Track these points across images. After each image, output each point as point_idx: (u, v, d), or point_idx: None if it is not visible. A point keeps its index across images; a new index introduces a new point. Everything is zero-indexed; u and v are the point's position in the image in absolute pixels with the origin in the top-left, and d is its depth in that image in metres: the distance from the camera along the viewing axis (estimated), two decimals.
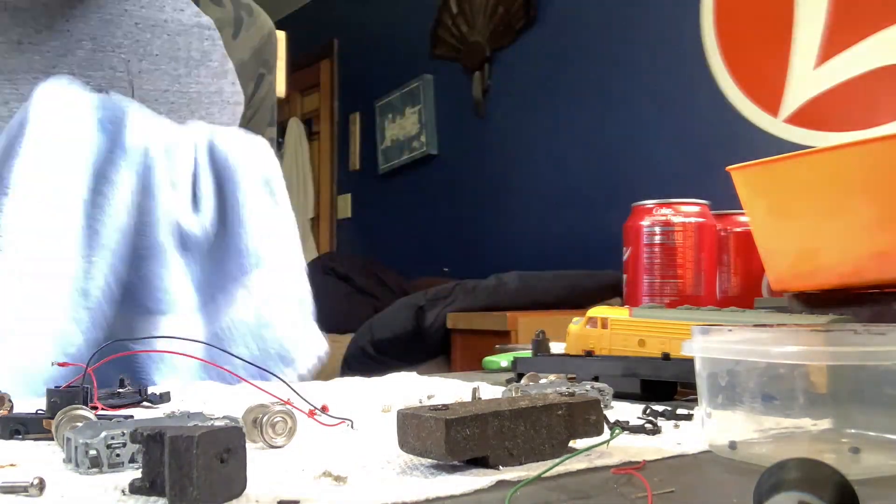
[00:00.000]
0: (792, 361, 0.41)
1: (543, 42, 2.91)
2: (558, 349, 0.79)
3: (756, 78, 2.18)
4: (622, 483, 0.38)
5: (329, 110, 4.34)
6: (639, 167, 2.53)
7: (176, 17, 0.85)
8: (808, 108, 2.05)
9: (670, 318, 0.69)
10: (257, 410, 0.46)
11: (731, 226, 1.04)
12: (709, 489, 0.40)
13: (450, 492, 0.36)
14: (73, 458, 0.40)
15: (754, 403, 0.44)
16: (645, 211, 0.97)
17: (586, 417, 0.44)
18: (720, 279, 1.02)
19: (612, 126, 2.64)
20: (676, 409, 0.56)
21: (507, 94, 3.08)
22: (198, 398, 0.66)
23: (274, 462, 0.43)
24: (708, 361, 0.46)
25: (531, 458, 0.41)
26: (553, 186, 2.86)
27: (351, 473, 0.39)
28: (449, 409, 0.41)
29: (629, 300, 0.98)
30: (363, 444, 0.47)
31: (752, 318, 0.68)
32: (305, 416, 0.52)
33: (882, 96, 1.90)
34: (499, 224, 3.09)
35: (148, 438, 0.34)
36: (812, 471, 0.28)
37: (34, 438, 0.48)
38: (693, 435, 0.50)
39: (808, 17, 2.05)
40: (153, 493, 0.35)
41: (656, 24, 2.47)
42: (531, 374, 0.69)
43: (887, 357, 0.40)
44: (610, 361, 0.69)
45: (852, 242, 0.73)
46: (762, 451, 0.44)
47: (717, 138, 2.26)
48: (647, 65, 2.51)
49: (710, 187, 1.21)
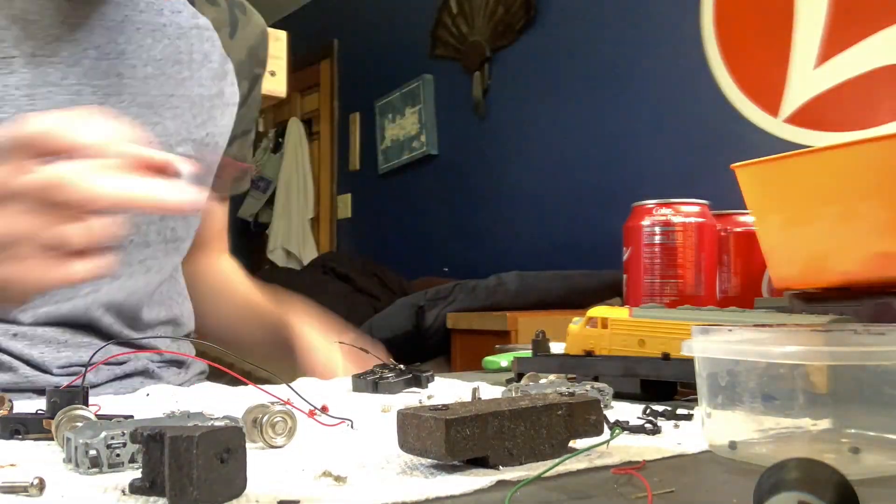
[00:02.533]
0: (792, 361, 0.41)
1: (543, 42, 2.91)
2: (558, 349, 0.79)
3: (756, 78, 2.18)
4: (622, 483, 0.38)
5: (329, 110, 4.33)
6: (639, 167, 2.53)
7: (174, 20, 0.84)
8: (808, 108, 2.05)
9: (670, 318, 0.69)
10: (257, 410, 0.46)
11: (731, 226, 1.04)
12: (709, 489, 0.40)
13: (450, 492, 0.36)
14: (73, 458, 0.40)
15: (754, 403, 0.44)
16: (645, 211, 0.97)
17: (586, 417, 0.44)
18: (720, 279, 1.02)
19: (612, 126, 2.63)
20: (676, 409, 0.56)
21: (507, 94, 3.08)
22: (199, 398, 0.66)
23: (274, 462, 0.43)
24: (708, 361, 0.46)
25: (531, 458, 0.41)
26: (553, 186, 2.86)
27: (351, 473, 0.39)
28: (449, 409, 0.41)
29: (629, 300, 0.98)
30: (363, 444, 0.47)
31: (752, 318, 0.68)
32: (305, 416, 0.52)
33: (882, 96, 1.90)
34: (499, 224, 3.09)
35: (148, 438, 0.34)
36: (812, 471, 0.28)
37: (34, 438, 0.48)
38: (693, 435, 0.50)
39: (808, 17, 2.05)
40: (153, 493, 0.35)
41: (656, 24, 2.47)
42: (531, 374, 0.69)
43: (887, 357, 0.40)
44: (610, 361, 0.69)
45: (857, 241, 0.73)
46: (762, 451, 0.44)
47: (717, 138, 2.26)
48: (647, 65, 2.50)
49: (710, 187, 1.21)
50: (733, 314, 0.70)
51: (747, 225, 1.02)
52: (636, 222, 0.98)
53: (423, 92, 3.49)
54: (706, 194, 1.03)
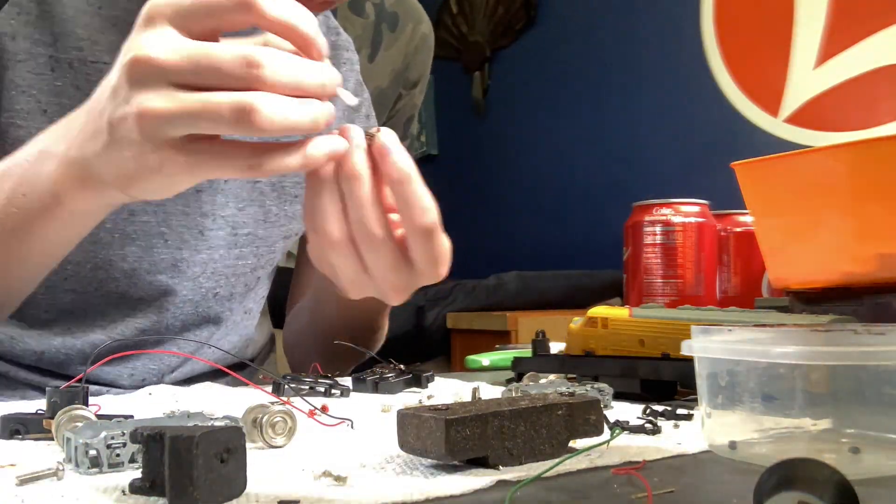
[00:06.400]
0: (792, 361, 0.41)
1: (543, 42, 2.91)
2: (558, 349, 0.79)
3: (756, 78, 2.18)
4: (622, 483, 0.38)
5: None
6: (639, 167, 2.53)
7: None
8: (808, 108, 2.05)
9: (670, 318, 0.69)
10: (257, 410, 0.46)
11: (731, 226, 1.04)
12: (709, 489, 0.40)
13: (450, 492, 0.36)
14: (73, 458, 0.40)
15: (754, 403, 0.44)
16: (645, 211, 0.97)
17: (586, 417, 0.44)
18: (720, 279, 1.02)
19: (613, 126, 2.63)
20: (676, 409, 0.56)
21: (507, 94, 3.08)
22: (200, 397, 0.66)
23: (274, 462, 0.43)
24: (708, 361, 0.46)
25: (531, 458, 0.41)
26: (553, 186, 2.86)
27: (351, 473, 0.39)
28: (449, 409, 0.41)
29: (629, 300, 0.98)
30: (363, 444, 0.47)
31: (752, 318, 0.68)
32: (305, 416, 0.52)
33: (882, 96, 1.90)
34: (499, 224, 3.09)
35: (148, 438, 0.34)
36: (812, 471, 0.28)
37: (34, 438, 0.48)
38: (693, 435, 0.49)
39: (808, 17, 2.05)
40: (153, 493, 0.35)
41: (656, 24, 2.47)
42: (531, 374, 0.69)
43: (887, 357, 0.40)
44: (610, 361, 0.69)
45: (857, 241, 0.73)
46: (762, 451, 0.44)
47: (717, 138, 2.26)
48: (647, 65, 2.50)
49: (710, 187, 1.21)
50: (733, 314, 0.70)
51: (747, 225, 1.02)
52: (636, 222, 0.98)
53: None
54: (706, 194, 1.03)
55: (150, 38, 0.44)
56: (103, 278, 0.74)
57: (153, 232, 0.74)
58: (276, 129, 0.43)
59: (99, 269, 0.73)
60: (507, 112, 3.08)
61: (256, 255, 0.80)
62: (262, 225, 0.79)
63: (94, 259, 0.73)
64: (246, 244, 0.79)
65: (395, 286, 0.48)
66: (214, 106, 0.42)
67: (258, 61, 0.43)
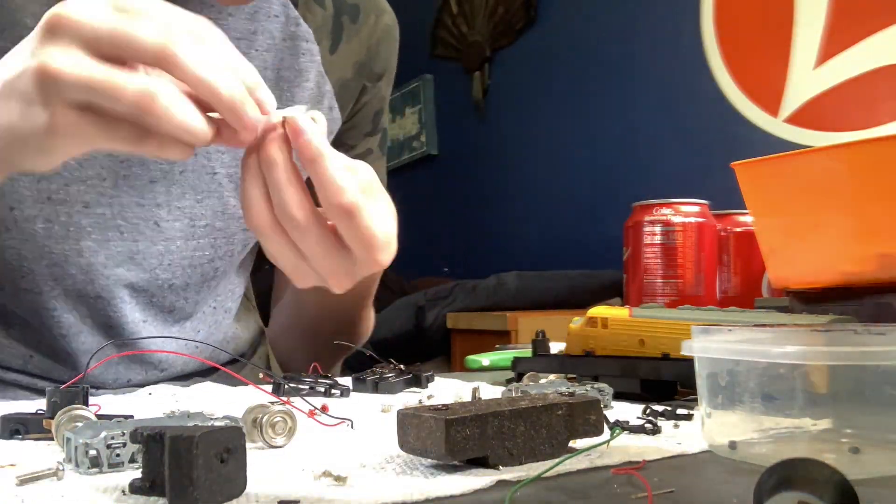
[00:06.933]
0: (792, 361, 0.41)
1: (543, 42, 2.91)
2: (558, 349, 0.79)
3: (756, 78, 2.18)
4: (622, 483, 0.38)
5: None
6: (639, 167, 2.53)
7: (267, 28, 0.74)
8: (808, 108, 2.05)
9: (670, 318, 0.69)
10: (257, 410, 0.46)
11: (731, 226, 1.04)
12: (709, 489, 0.40)
13: (450, 492, 0.36)
14: (73, 458, 0.40)
15: (754, 403, 0.44)
16: (645, 211, 0.97)
17: (586, 417, 0.44)
18: (720, 279, 1.02)
19: (613, 126, 2.63)
20: (676, 409, 0.56)
21: (507, 94, 3.08)
22: (199, 397, 0.66)
23: (274, 462, 0.43)
24: (708, 361, 0.46)
25: (531, 458, 0.41)
26: (553, 186, 2.86)
27: (351, 473, 0.39)
28: (449, 409, 0.41)
29: (629, 300, 0.98)
30: (363, 444, 0.47)
31: (752, 318, 0.68)
32: (305, 416, 0.52)
33: (882, 96, 1.90)
34: (499, 224, 3.09)
35: (148, 438, 0.34)
36: (812, 471, 0.28)
37: (34, 438, 0.48)
38: (693, 435, 0.49)
39: (808, 17, 2.05)
40: (153, 493, 0.35)
41: (656, 24, 2.47)
42: (531, 374, 0.69)
43: (887, 357, 0.40)
44: (610, 361, 0.69)
45: (857, 241, 0.73)
46: (762, 451, 0.44)
47: (717, 138, 2.26)
48: (647, 65, 2.50)
49: (710, 187, 1.21)
50: (733, 314, 0.70)
51: (747, 225, 1.02)
52: (636, 222, 0.98)
53: (422, 92, 3.49)
54: (706, 194, 1.03)
55: (77, 2, 0.44)
56: (59, 275, 0.74)
57: (109, 225, 0.74)
58: (170, 123, 0.42)
59: (55, 265, 0.73)
60: (507, 112, 3.08)
61: (214, 246, 0.80)
62: (220, 217, 0.79)
63: (49, 255, 0.73)
64: (203, 236, 0.78)
65: (332, 272, 0.48)
66: (120, 82, 0.42)
67: (178, 48, 0.42)
